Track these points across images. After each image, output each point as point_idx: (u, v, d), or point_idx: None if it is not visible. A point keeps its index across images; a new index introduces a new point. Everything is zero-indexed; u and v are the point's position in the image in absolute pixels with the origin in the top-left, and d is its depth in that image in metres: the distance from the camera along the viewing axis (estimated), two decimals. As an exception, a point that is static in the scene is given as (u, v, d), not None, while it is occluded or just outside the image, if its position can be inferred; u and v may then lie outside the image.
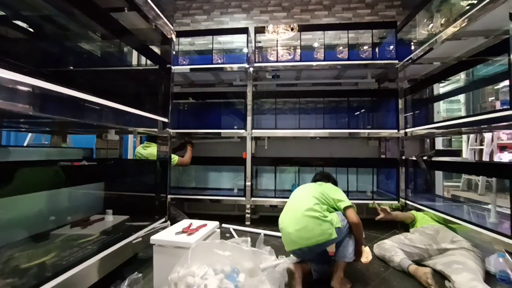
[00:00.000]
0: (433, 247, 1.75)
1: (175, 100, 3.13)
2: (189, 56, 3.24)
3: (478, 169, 1.95)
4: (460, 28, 1.88)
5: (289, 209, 1.58)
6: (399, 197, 2.63)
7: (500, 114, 1.56)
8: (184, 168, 3.27)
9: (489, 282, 1.45)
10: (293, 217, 1.49)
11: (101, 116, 1.22)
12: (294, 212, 1.51)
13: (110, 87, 1.46)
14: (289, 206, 1.60)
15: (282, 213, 1.61)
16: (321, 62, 2.82)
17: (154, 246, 1.33)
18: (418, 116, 2.89)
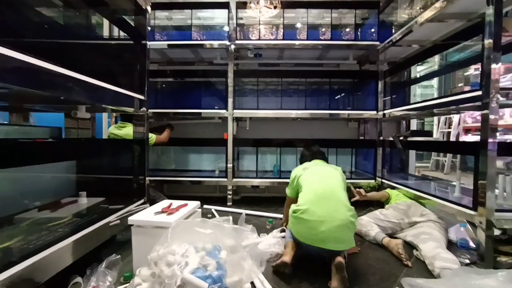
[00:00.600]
0: (405, 220, 1.87)
1: (152, 78, 2.96)
2: (167, 32, 3.04)
3: (448, 148, 2.06)
4: (439, 9, 1.90)
5: (321, 198, 1.43)
6: (375, 176, 2.75)
7: (471, 95, 1.64)
8: (163, 150, 3.17)
9: (451, 249, 1.58)
10: (331, 218, 1.33)
11: (67, 89, 1.11)
12: (331, 211, 1.36)
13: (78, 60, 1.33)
14: (320, 194, 1.45)
15: (309, 197, 1.46)
16: (304, 41, 2.77)
17: (132, 227, 1.29)
18: (396, 98, 2.98)
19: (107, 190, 1.72)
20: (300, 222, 1.40)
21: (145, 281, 0.98)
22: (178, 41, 2.81)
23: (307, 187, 1.57)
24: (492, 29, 1.49)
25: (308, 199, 1.46)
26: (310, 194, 1.49)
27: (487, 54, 1.50)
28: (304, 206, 1.41)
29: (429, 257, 1.46)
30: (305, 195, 1.52)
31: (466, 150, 1.78)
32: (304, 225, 1.38)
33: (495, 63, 1.48)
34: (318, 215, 1.35)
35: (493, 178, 1.49)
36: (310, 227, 1.35)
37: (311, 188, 1.53)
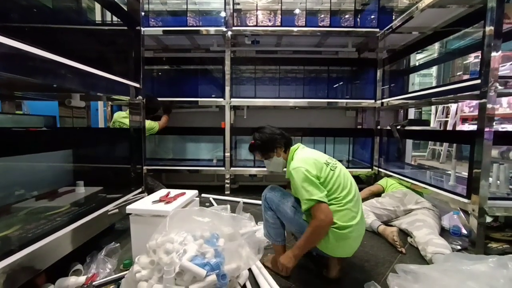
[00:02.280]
0: (400, 208, 1.91)
1: (148, 66, 2.89)
2: (162, 18, 2.94)
3: (444, 136, 2.08)
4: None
5: (357, 202, 1.21)
6: (372, 165, 2.78)
7: (469, 83, 1.63)
8: (161, 139, 3.16)
9: (443, 236, 1.63)
10: (362, 229, 1.22)
11: (58, 76, 1.08)
12: (362, 225, 1.21)
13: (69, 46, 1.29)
14: (355, 198, 1.20)
15: (347, 210, 1.16)
16: (302, 28, 2.70)
17: (131, 216, 1.30)
18: (395, 87, 2.95)
19: (105, 179, 1.72)
20: (342, 239, 1.15)
21: (144, 269, 0.99)
22: (173, 27, 2.73)
23: (339, 188, 1.20)
24: (494, 15, 1.46)
25: (348, 211, 1.16)
26: (348, 199, 1.18)
27: (487, 41, 1.48)
28: (353, 221, 1.15)
29: (422, 243, 1.50)
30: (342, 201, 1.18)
31: (462, 139, 1.79)
32: (345, 242, 1.16)
33: (495, 51, 1.46)
34: (359, 229, 1.18)
35: (487, 167, 1.51)
36: (349, 245, 1.19)
37: (343, 188, 1.20)
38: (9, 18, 0.95)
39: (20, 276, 0.90)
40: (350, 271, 1.32)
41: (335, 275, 1.25)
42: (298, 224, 1.22)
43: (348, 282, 1.25)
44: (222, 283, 0.95)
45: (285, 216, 1.27)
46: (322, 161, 1.24)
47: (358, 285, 1.20)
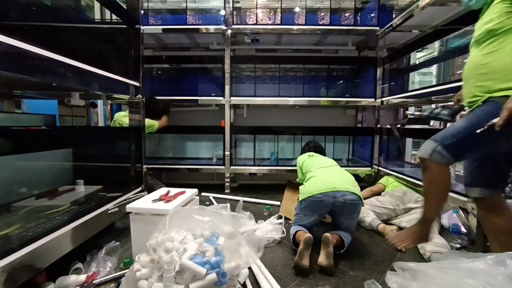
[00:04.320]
0: (400, 207, 1.91)
1: (147, 64, 2.89)
2: (161, 16, 2.93)
3: None
4: None
5: (329, 167, 1.73)
6: (372, 164, 2.78)
7: (470, 82, 1.62)
8: (160, 138, 3.16)
9: (443, 234, 1.63)
10: (333, 171, 1.69)
11: (57, 75, 1.08)
12: (340, 175, 1.64)
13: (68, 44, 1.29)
14: (328, 168, 1.73)
15: (315, 176, 1.65)
16: (302, 26, 2.70)
17: (131, 215, 1.30)
18: (394, 86, 2.95)
19: (105, 178, 1.72)
20: (311, 181, 1.59)
21: (145, 267, 0.99)
22: (173, 26, 2.72)
23: (315, 167, 1.75)
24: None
25: (316, 175, 1.65)
26: (319, 169, 1.71)
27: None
28: (315, 173, 1.65)
29: (422, 242, 1.50)
30: (314, 170, 1.71)
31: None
32: (315, 179, 1.60)
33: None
34: (329, 175, 1.62)
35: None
36: (321, 180, 1.56)
37: (319, 165, 1.75)
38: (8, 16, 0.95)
39: (21, 275, 0.90)
40: (349, 269, 1.33)
41: (326, 263, 1.27)
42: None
43: (347, 280, 1.25)
44: (222, 281, 0.95)
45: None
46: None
47: (358, 283, 1.21)
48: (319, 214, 1.52)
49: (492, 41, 1.08)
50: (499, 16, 1.05)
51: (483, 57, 1.11)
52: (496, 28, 1.06)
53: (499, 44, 1.07)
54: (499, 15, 1.05)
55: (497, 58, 1.06)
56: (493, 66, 1.07)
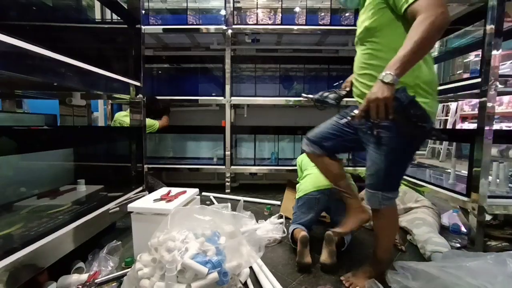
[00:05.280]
0: (400, 207, 1.91)
1: (148, 64, 2.89)
2: (162, 15, 2.93)
3: (445, 135, 2.08)
4: None
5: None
6: (371, 163, 2.78)
7: (470, 82, 1.63)
8: (161, 137, 3.16)
9: (443, 234, 1.64)
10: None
11: (58, 75, 1.08)
12: None
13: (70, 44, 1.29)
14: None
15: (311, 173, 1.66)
16: (302, 27, 2.70)
17: (132, 214, 1.30)
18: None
19: (106, 177, 1.72)
20: (307, 179, 1.64)
21: (146, 266, 1.00)
22: (173, 25, 2.73)
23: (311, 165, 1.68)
24: (495, 14, 1.47)
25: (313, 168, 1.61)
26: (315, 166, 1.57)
27: (488, 40, 1.49)
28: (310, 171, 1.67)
29: (421, 241, 1.51)
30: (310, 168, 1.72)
31: (462, 137, 1.79)
32: (311, 177, 1.63)
33: (496, 49, 1.47)
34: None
35: (487, 165, 1.52)
36: (317, 177, 1.56)
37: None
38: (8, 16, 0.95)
39: (23, 274, 0.91)
40: (350, 269, 1.33)
41: (329, 261, 1.28)
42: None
43: (348, 279, 1.25)
44: (223, 280, 0.96)
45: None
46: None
47: (358, 283, 1.21)
48: (315, 212, 1.54)
49: (371, 40, 1.06)
50: (374, 13, 1.03)
51: (364, 56, 1.11)
52: (373, 26, 1.04)
53: (377, 43, 1.05)
54: (374, 12, 1.03)
55: (377, 57, 1.05)
56: (374, 65, 1.06)
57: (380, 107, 0.86)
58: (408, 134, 0.98)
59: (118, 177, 1.79)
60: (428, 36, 0.82)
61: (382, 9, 1.00)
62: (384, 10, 1.00)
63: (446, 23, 0.83)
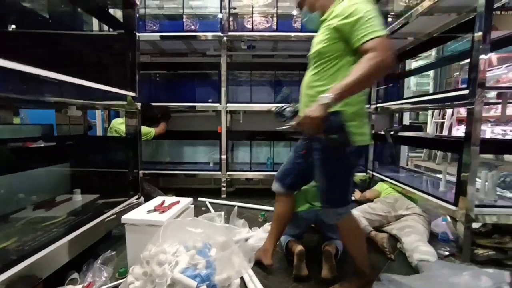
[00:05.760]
0: (391, 214, 1.94)
1: (145, 70, 2.92)
2: (159, 21, 2.95)
3: (434, 144, 2.11)
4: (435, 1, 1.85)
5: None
6: (367, 169, 2.81)
7: (458, 93, 1.66)
8: (158, 143, 3.19)
9: (432, 241, 1.67)
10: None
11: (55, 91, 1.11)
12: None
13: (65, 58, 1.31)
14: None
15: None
16: (298, 33, 2.73)
17: (126, 225, 1.33)
18: (390, 91, 2.98)
19: (102, 187, 1.76)
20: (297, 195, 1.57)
21: (138, 280, 1.03)
22: (171, 33, 2.75)
23: None
24: (482, 23, 1.48)
25: None
26: None
27: (475, 53, 1.51)
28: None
29: (410, 250, 1.54)
30: None
31: (451, 147, 1.82)
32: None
33: (483, 61, 1.48)
34: None
35: (474, 174, 1.55)
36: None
37: None
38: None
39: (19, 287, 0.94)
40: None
41: (330, 276, 1.30)
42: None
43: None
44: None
45: None
46: None
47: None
48: (304, 227, 1.61)
49: (320, 63, 1.10)
50: (328, 39, 1.05)
51: (311, 78, 1.15)
52: (324, 52, 1.07)
53: (324, 70, 1.08)
54: (328, 38, 1.05)
55: (321, 83, 1.09)
56: (317, 90, 1.09)
57: (310, 124, 0.94)
58: (336, 153, 1.07)
59: (114, 186, 1.82)
60: (373, 72, 0.90)
61: (336, 38, 1.03)
62: (337, 39, 1.03)
63: (390, 66, 0.91)
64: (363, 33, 0.92)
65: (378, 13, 0.96)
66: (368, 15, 0.92)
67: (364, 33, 0.91)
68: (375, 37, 0.90)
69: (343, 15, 0.97)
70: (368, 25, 0.91)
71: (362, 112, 1.11)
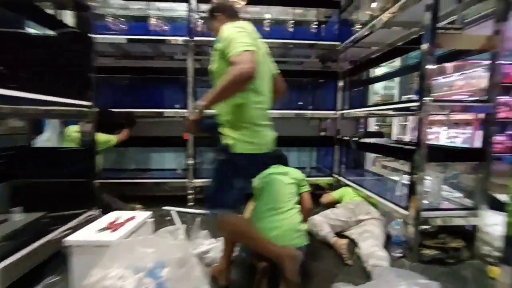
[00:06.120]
0: (352, 219, 2.02)
1: (109, 74, 2.78)
2: (123, 22, 2.79)
3: (389, 152, 2.24)
4: (394, 14, 1.92)
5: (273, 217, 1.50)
6: (332, 173, 2.90)
7: (409, 105, 1.77)
8: (123, 150, 3.03)
9: (388, 244, 1.78)
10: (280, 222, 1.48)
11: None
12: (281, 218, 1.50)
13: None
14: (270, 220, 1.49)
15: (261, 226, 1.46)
16: (267, 40, 2.72)
17: (71, 247, 1.24)
18: (355, 98, 3.10)
19: (51, 202, 1.62)
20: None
21: (80, 308, 0.97)
22: (136, 36, 2.63)
23: (265, 205, 1.57)
24: (428, 37, 1.58)
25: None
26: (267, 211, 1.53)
27: (422, 68, 1.61)
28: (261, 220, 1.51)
29: (365, 255, 1.61)
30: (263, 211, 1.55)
31: (403, 155, 1.93)
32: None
33: (430, 76, 1.59)
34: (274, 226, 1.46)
35: (422, 181, 1.66)
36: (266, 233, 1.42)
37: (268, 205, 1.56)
38: None
39: None
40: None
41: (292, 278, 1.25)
42: None
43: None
44: (160, 318, 0.95)
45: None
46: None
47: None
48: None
49: (215, 81, 1.26)
50: (216, 60, 1.23)
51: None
52: (214, 71, 1.25)
53: (216, 84, 1.20)
54: (216, 59, 1.23)
55: None
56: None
57: (188, 125, 1.19)
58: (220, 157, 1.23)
59: (65, 200, 1.69)
60: (233, 82, 1.04)
61: (221, 59, 1.18)
62: (222, 59, 1.18)
63: (249, 77, 1.03)
64: (232, 49, 1.06)
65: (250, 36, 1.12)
66: (238, 36, 1.08)
67: (232, 49, 1.06)
68: (239, 51, 1.04)
69: (222, 38, 1.14)
70: (237, 42, 1.06)
71: (246, 122, 1.20)
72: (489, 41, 1.64)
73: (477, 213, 1.74)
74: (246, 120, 1.20)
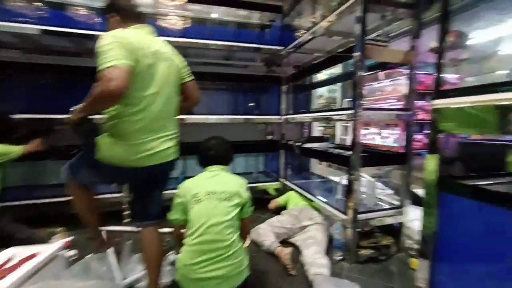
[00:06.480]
0: (296, 225, 2.03)
1: (22, 72, 2.28)
2: (36, 8, 2.29)
3: (328, 158, 2.33)
4: (332, 22, 1.99)
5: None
6: (279, 177, 2.91)
7: (345, 112, 1.85)
8: (38, 162, 2.53)
9: (330, 247, 1.84)
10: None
11: None
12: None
13: None
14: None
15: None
16: (208, 41, 2.59)
17: None
18: (299, 102, 3.16)
19: None
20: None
21: None
22: (55, 27, 2.20)
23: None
24: (359, 47, 1.68)
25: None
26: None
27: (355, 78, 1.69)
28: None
29: (307, 263, 1.61)
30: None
31: (341, 161, 2.02)
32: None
33: (360, 86, 1.68)
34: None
35: (358, 186, 1.75)
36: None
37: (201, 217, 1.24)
38: None
39: None
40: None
41: None
42: None
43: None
44: None
45: None
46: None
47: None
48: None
49: None
50: None
51: None
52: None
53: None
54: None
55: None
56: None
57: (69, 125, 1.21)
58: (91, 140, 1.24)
59: None
60: (97, 100, 1.06)
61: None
62: None
63: (114, 96, 1.02)
64: (100, 64, 1.04)
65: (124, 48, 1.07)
66: (107, 48, 1.04)
67: (100, 64, 1.04)
68: (105, 67, 1.01)
69: (96, 48, 1.10)
70: (103, 57, 1.03)
71: (120, 134, 1.18)
72: (406, 56, 1.83)
73: (402, 211, 1.90)
74: (121, 132, 1.17)
